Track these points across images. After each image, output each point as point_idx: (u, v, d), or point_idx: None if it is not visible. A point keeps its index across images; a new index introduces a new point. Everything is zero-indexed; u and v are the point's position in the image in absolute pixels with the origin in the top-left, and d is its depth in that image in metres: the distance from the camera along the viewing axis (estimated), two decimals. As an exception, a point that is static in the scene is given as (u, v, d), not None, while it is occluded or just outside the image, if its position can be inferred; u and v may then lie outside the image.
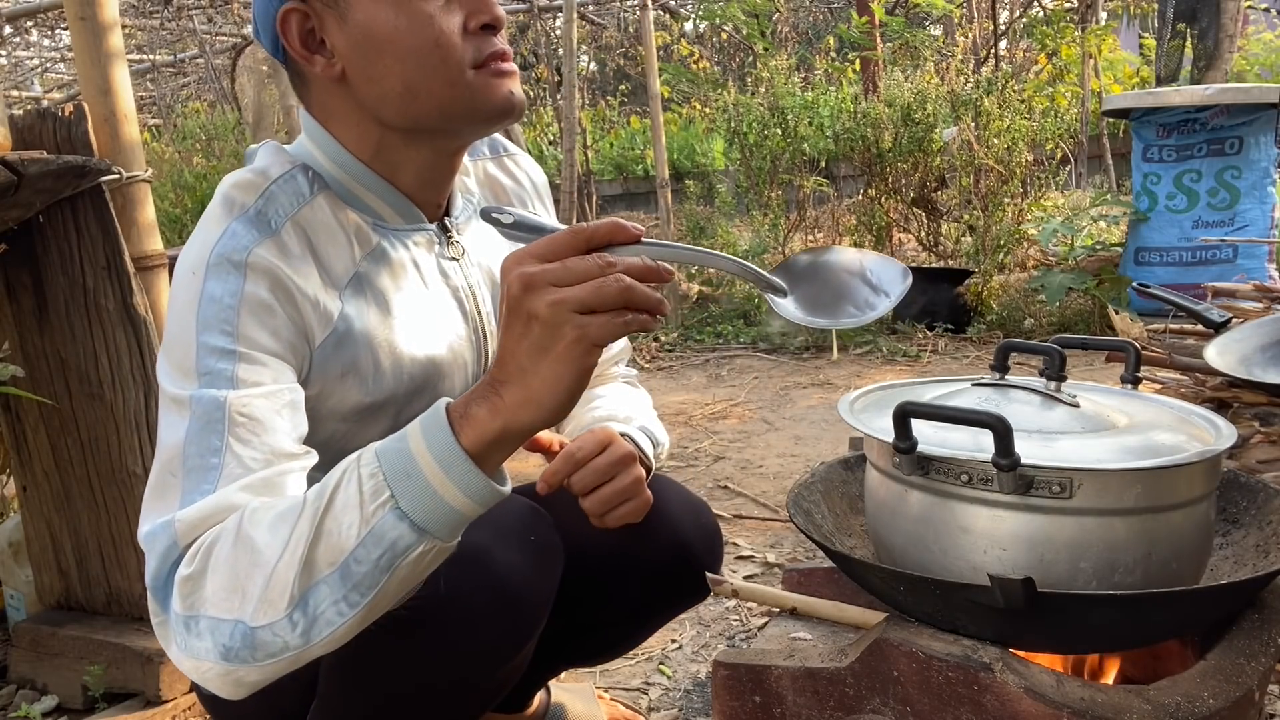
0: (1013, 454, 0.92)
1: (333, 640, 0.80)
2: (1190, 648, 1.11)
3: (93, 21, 1.67)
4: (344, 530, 0.77)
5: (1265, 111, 4.47)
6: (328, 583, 0.78)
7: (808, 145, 5.29)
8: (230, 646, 0.79)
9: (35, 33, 10.72)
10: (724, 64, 11.45)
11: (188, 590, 0.81)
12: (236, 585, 0.79)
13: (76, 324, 1.66)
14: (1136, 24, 9.70)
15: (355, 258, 1.02)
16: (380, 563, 0.77)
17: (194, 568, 0.81)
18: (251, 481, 0.86)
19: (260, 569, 0.78)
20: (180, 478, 0.87)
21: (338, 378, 1.00)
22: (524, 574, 1.00)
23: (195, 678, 0.83)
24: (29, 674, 1.72)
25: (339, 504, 0.78)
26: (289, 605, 0.78)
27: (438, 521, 0.78)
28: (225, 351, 0.90)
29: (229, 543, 0.81)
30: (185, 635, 0.81)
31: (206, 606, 0.80)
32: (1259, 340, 1.70)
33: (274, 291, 0.93)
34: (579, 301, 0.72)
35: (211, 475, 0.86)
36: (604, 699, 1.57)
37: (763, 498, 2.62)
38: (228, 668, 0.80)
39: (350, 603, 0.78)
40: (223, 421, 0.87)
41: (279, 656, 0.79)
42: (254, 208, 0.96)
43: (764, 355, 4.62)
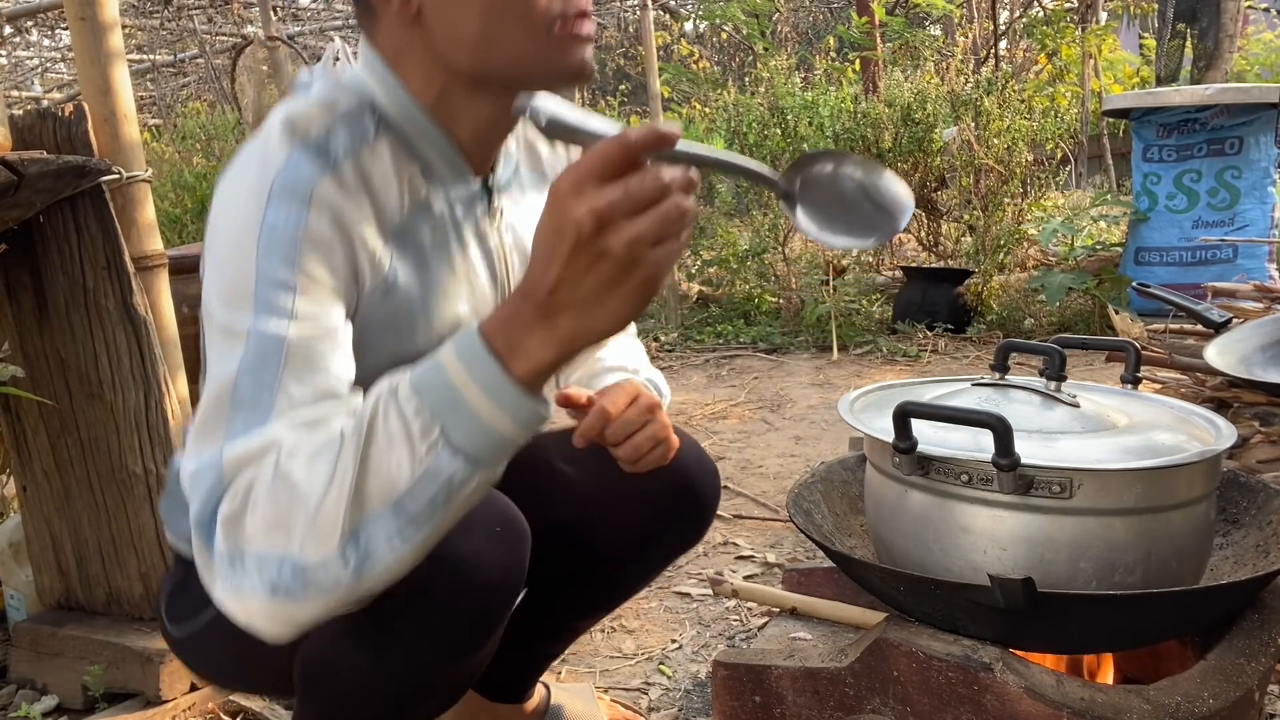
0: (1013, 454, 0.92)
1: (386, 574, 0.79)
2: (1190, 648, 1.11)
3: (93, 21, 1.66)
4: (394, 467, 0.77)
5: (1265, 111, 4.47)
6: (380, 519, 0.77)
7: (808, 145, 5.29)
8: (278, 583, 0.78)
9: (35, 33, 10.72)
10: (724, 64, 11.45)
11: (230, 528, 0.80)
12: (279, 521, 0.78)
13: (76, 324, 1.66)
14: (1136, 24, 9.71)
15: (405, 209, 0.99)
16: (436, 499, 0.77)
17: (234, 505, 0.80)
18: (301, 419, 0.84)
19: (302, 505, 0.78)
20: (228, 410, 0.84)
21: (379, 328, 0.98)
22: (488, 561, 0.98)
23: (243, 619, 0.81)
24: (29, 674, 1.72)
25: (381, 439, 0.78)
26: (341, 540, 0.77)
27: (490, 451, 0.78)
28: (285, 283, 0.87)
29: (267, 479, 0.80)
30: (230, 573, 0.80)
31: (250, 543, 0.79)
32: (1259, 340, 1.71)
33: (335, 229, 0.91)
34: (653, 236, 0.72)
35: (262, 410, 0.84)
36: (604, 699, 1.57)
37: (763, 498, 2.62)
38: (276, 605, 0.79)
39: (405, 537, 0.78)
40: (279, 355, 0.85)
41: (331, 593, 0.79)
42: (315, 139, 0.93)
43: (764, 355, 4.62)
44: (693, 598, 2.02)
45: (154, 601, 1.16)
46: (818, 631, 1.22)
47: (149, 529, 1.68)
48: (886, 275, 5.63)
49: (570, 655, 1.80)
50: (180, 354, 1.77)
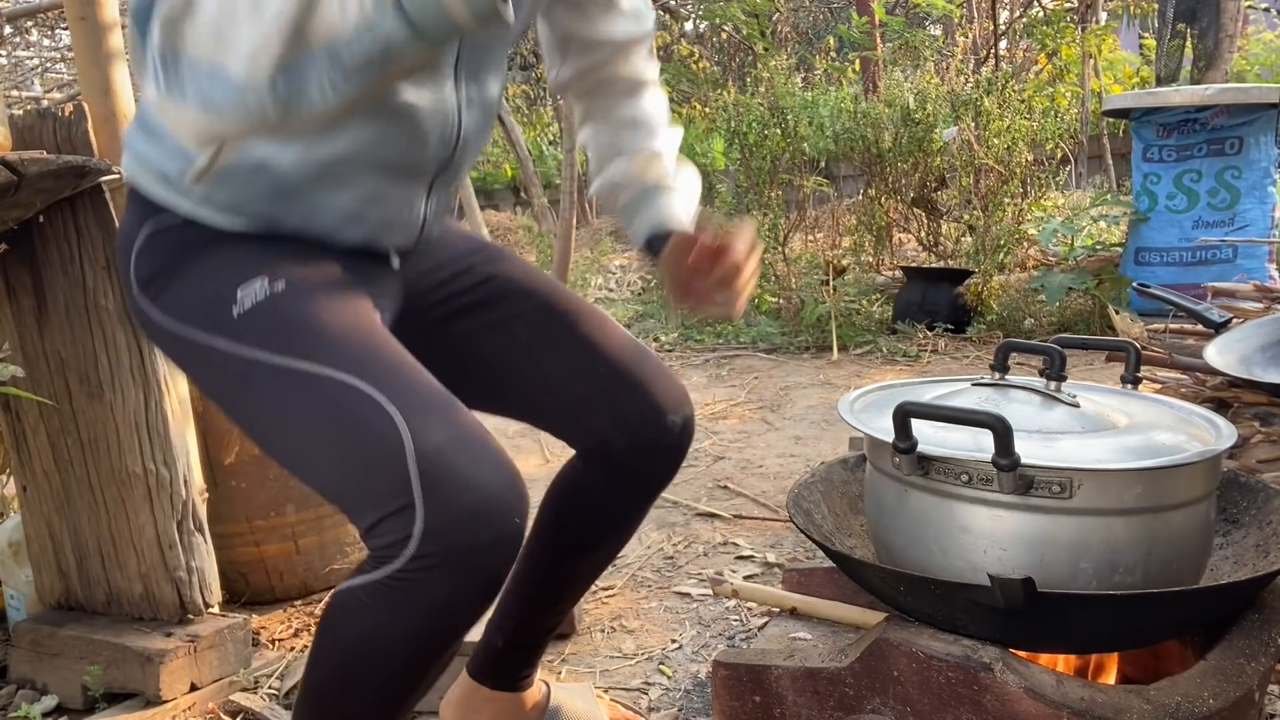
0: (1013, 454, 0.92)
1: (311, 118, 0.82)
2: (1190, 648, 1.11)
3: (93, 21, 1.66)
4: (339, 14, 0.79)
5: (1265, 111, 4.47)
6: (316, 60, 0.79)
7: (807, 145, 5.29)
8: (209, 97, 0.80)
9: (35, 33, 10.72)
10: (724, 64, 11.44)
11: (170, 29, 0.81)
12: (219, 33, 0.79)
13: (76, 324, 1.66)
14: (1136, 24, 9.70)
15: None
16: (372, 56, 0.79)
17: (177, 6, 0.80)
18: None
19: (245, 23, 0.79)
20: None
21: None
22: (498, 542, 0.93)
23: (169, 121, 0.84)
24: (29, 674, 1.72)
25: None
26: (274, 69, 0.79)
27: (434, 24, 0.79)
28: None
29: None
30: (164, 75, 0.81)
31: (187, 49, 0.80)
32: (1259, 340, 1.71)
33: None
34: None
35: None
36: (604, 699, 1.57)
37: (763, 498, 2.62)
38: (204, 119, 0.81)
39: (335, 87, 0.80)
40: None
41: (257, 119, 0.81)
42: None
43: (764, 355, 4.62)
44: (693, 598, 2.02)
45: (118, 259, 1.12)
46: (818, 631, 1.22)
47: (149, 529, 1.68)
48: (886, 275, 5.63)
49: (570, 655, 1.80)
50: (180, 354, 1.77)
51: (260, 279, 1.00)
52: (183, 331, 1.04)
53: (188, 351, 1.05)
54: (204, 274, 1.03)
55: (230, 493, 1.96)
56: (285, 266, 1.02)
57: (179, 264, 1.05)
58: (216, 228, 1.04)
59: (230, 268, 1.02)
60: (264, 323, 0.99)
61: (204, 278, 1.03)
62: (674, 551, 2.27)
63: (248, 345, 0.99)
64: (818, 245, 5.74)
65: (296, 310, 1.00)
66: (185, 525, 1.70)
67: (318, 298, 1.02)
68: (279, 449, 1.02)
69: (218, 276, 1.02)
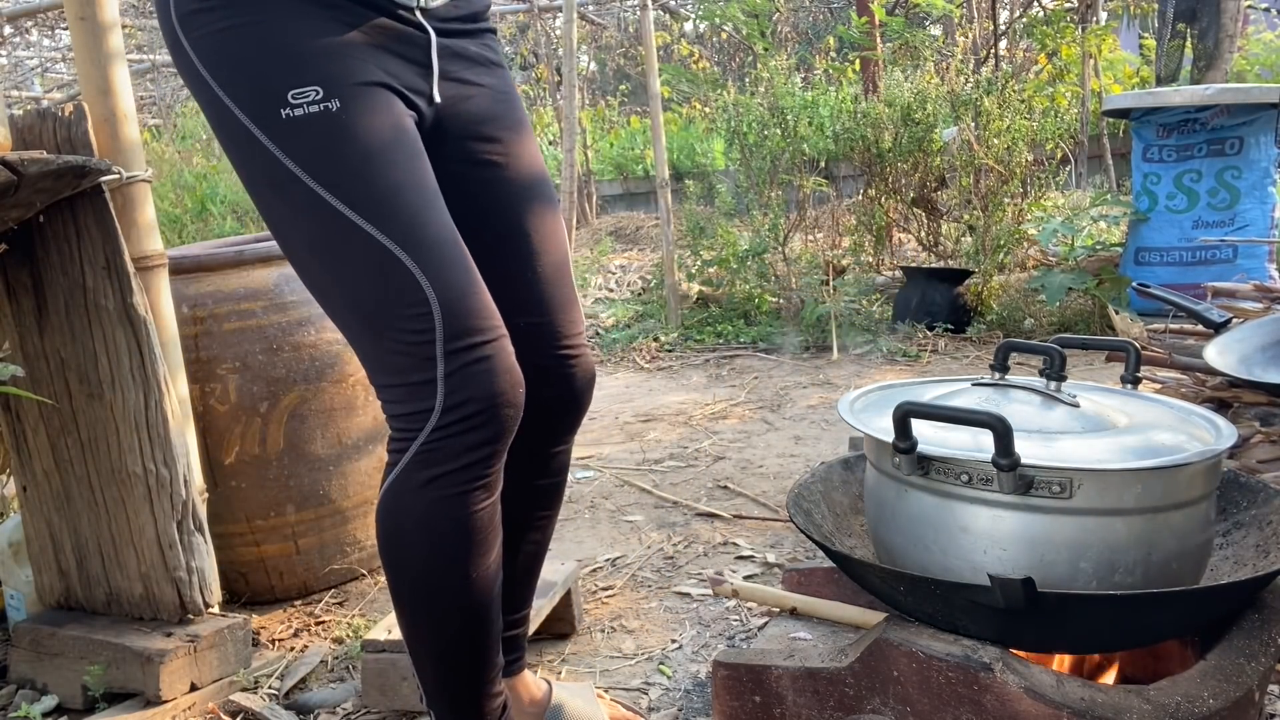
0: (1013, 454, 0.92)
1: None
2: (1190, 648, 1.11)
3: (93, 21, 1.66)
4: None
5: (1265, 111, 4.47)
6: None
7: (807, 145, 5.29)
8: None
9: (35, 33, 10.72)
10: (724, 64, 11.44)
11: None
12: None
13: (76, 324, 1.66)
14: (1136, 24, 9.70)
15: None
16: None
17: None
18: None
19: None
20: None
21: None
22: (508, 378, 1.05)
23: None
24: (29, 674, 1.72)
25: None
26: None
27: None
28: None
29: None
30: None
31: None
32: (1259, 340, 1.71)
33: None
34: None
35: None
36: (604, 698, 1.57)
37: (763, 498, 2.62)
38: None
39: None
40: None
41: None
42: None
43: (764, 355, 4.62)
44: (693, 598, 2.02)
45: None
46: (818, 631, 1.22)
47: (149, 529, 1.68)
48: (886, 275, 5.63)
49: (570, 655, 1.80)
50: (180, 354, 1.77)
51: (314, 88, 1.00)
52: (222, 97, 1.02)
53: (223, 115, 1.04)
54: (255, 46, 1.01)
55: (230, 493, 1.96)
56: (339, 74, 1.01)
57: (238, 14, 1.01)
58: None
59: (284, 56, 1.00)
60: (313, 141, 1.00)
61: (255, 53, 1.01)
62: (674, 551, 2.27)
63: (292, 157, 1.00)
64: (818, 245, 5.74)
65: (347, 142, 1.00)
66: (185, 525, 1.70)
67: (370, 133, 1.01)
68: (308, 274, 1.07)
69: (270, 62, 1.00)
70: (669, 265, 5.24)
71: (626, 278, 6.26)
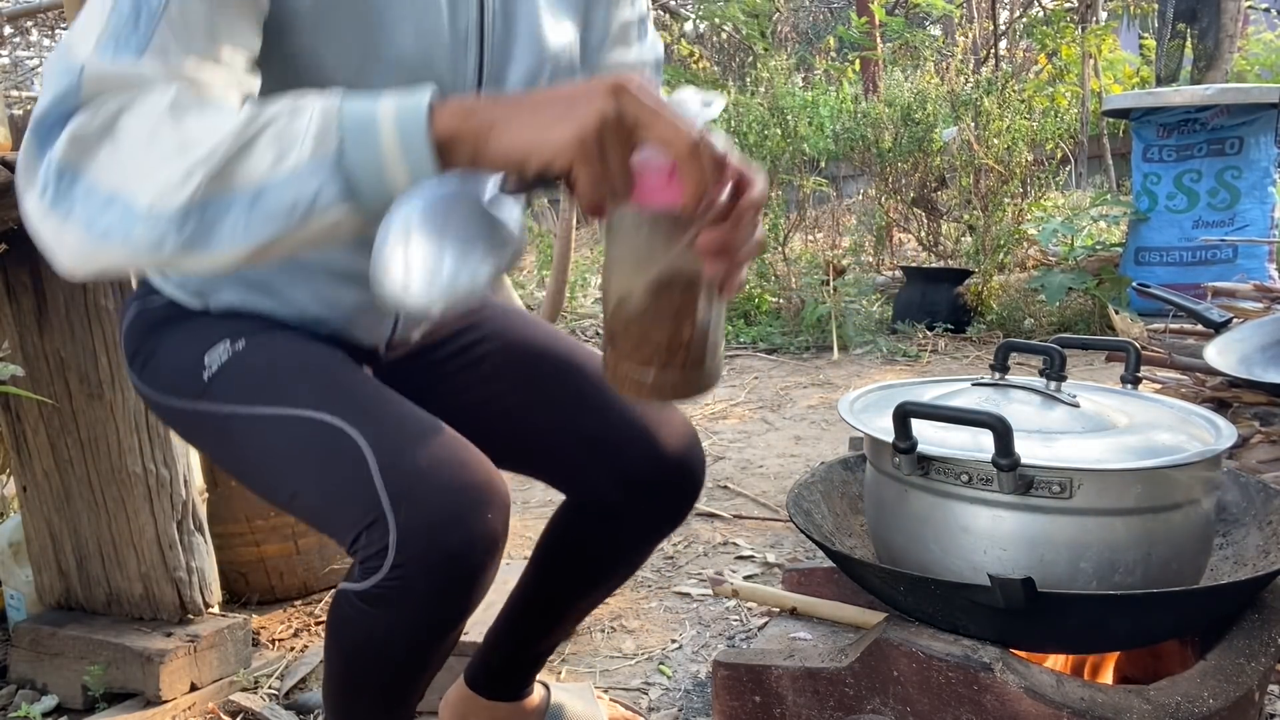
0: (1013, 454, 0.92)
1: (211, 260, 0.75)
2: (1190, 648, 1.11)
3: (93, 21, 1.66)
4: (274, 158, 0.73)
5: (1265, 111, 4.47)
6: (237, 202, 0.73)
7: (808, 145, 5.29)
8: (103, 224, 0.73)
9: (35, 33, 10.72)
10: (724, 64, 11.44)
11: (78, 146, 0.75)
12: (138, 163, 0.74)
13: (76, 324, 1.66)
14: (1136, 24, 9.70)
15: None
16: (296, 207, 0.74)
17: (93, 126, 0.75)
18: (181, 69, 0.79)
19: (175, 156, 0.73)
20: (100, 25, 0.79)
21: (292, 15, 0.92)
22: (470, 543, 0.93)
23: (46, 239, 0.77)
24: (29, 674, 1.72)
25: (279, 129, 0.74)
26: (187, 203, 0.73)
27: (371, 188, 0.74)
28: None
29: (149, 118, 0.75)
30: (55, 187, 0.75)
31: (91, 171, 0.74)
32: (1259, 340, 1.71)
33: None
34: (611, 145, 0.73)
35: (140, 34, 0.78)
36: (604, 699, 1.57)
37: (763, 498, 2.62)
38: (89, 242, 0.74)
39: (249, 231, 0.74)
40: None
41: (148, 251, 0.74)
42: None
43: (764, 355, 4.62)
44: (693, 598, 2.02)
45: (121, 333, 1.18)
46: (818, 631, 1.22)
47: (149, 529, 1.68)
48: (886, 275, 5.64)
49: (570, 655, 1.80)
50: (180, 354, 1.77)
51: (223, 342, 1.07)
52: (167, 400, 1.11)
53: (177, 418, 1.13)
54: (175, 346, 1.11)
55: (230, 493, 1.96)
56: (246, 329, 1.08)
57: (156, 339, 1.12)
58: (191, 308, 1.12)
59: (197, 338, 1.09)
60: (231, 379, 1.05)
61: (175, 350, 1.11)
62: (674, 551, 2.27)
63: (221, 403, 1.05)
64: (818, 245, 5.74)
65: (258, 362, 1.06)
66: (185, 525, 1.70)
67: (277, 347, 1.07)
68: (264, 490, 1.08)
69: (186, 348, 1.09)
70: (669, 265, 5.23)
71: (626, 278, 6.24)
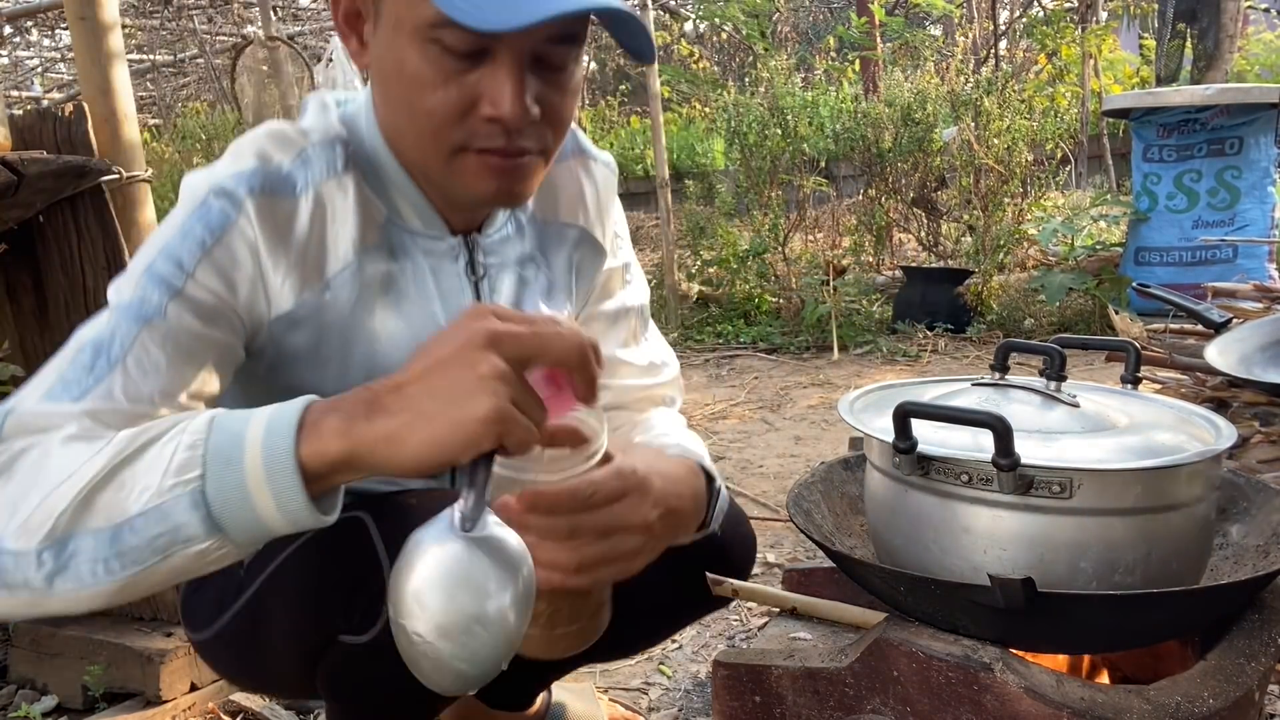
0: (1013, 454, 0.92)
1: (78, 600, 0.73)
2: (1190, 648, 1.11)
3: (93, 21, 1.66)
4: (137, 490, 0.72)
5: (1265, 111, 4.47)
6: (96, 536, 0.71)
7: (808, 145, 5.29)
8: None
9: (35, 33, 10.72)
10: (724, 64, 11.45)
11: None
12: (17, 500, 0.73)
13: (76, 324, 1.64)
14: (1136, 24, 9.70)
15: (358, 247, 0.96)
16: (156, 543, 0.71)
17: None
18: (109, 410, 0.81)
19: (37, 489, 0.72)
20: (56, 373, 0.83)
21: (290, 357, 0.96)
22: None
23: None
24: (29, 674, 1.72)
25: (148, 458, 0.73)
26: (44, 539, 0.71)
27: (238, 525, 0.72)
28: (169, 282, 0.86)
29: (35, 455, 0.75)
30: None
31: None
32: (1259, 340, 1.70)
33: (253, 249, 0.90)
34: (519, 395, 0.70)
35: (80, 388, 0.81)
36: (604, 699, 1.57)
37: (763, 498, 2.62)
38: None
39: (109, 569, 0.72)
40: (127, 343, 0.84)
41: (15, 591, 0.72)
42: (286, 167, 0.92)
43: (764, 355, 4.62)
44: (693, 598, 2.01)
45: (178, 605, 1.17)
46: (818, 631, 1.22)
47: (149, 529, 1.68)
48: (886, 275, 5.64)
49: (570, 655, 1.80)
50: (180, 354, 1.77)
51: None
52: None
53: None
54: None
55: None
56: None
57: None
58: None
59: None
60: None
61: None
62: (674, 551, 2.26)
63: None
64: (818, 245, 5.74)
65: None
66: (185, 525, 1.70)
67: None
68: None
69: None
70: (669, 265, 5.24)
71: (626, 278, 6.25)
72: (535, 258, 1.10)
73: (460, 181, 0.93)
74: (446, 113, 0.88)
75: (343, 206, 0.95)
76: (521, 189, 0.94)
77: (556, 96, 0.91)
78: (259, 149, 0.93)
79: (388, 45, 0.89)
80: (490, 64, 0.86)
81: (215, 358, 0.89)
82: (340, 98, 1.04)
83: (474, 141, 0.89)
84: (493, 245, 1.06)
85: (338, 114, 0.99)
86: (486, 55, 0.86)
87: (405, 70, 0.88)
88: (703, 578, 1.19)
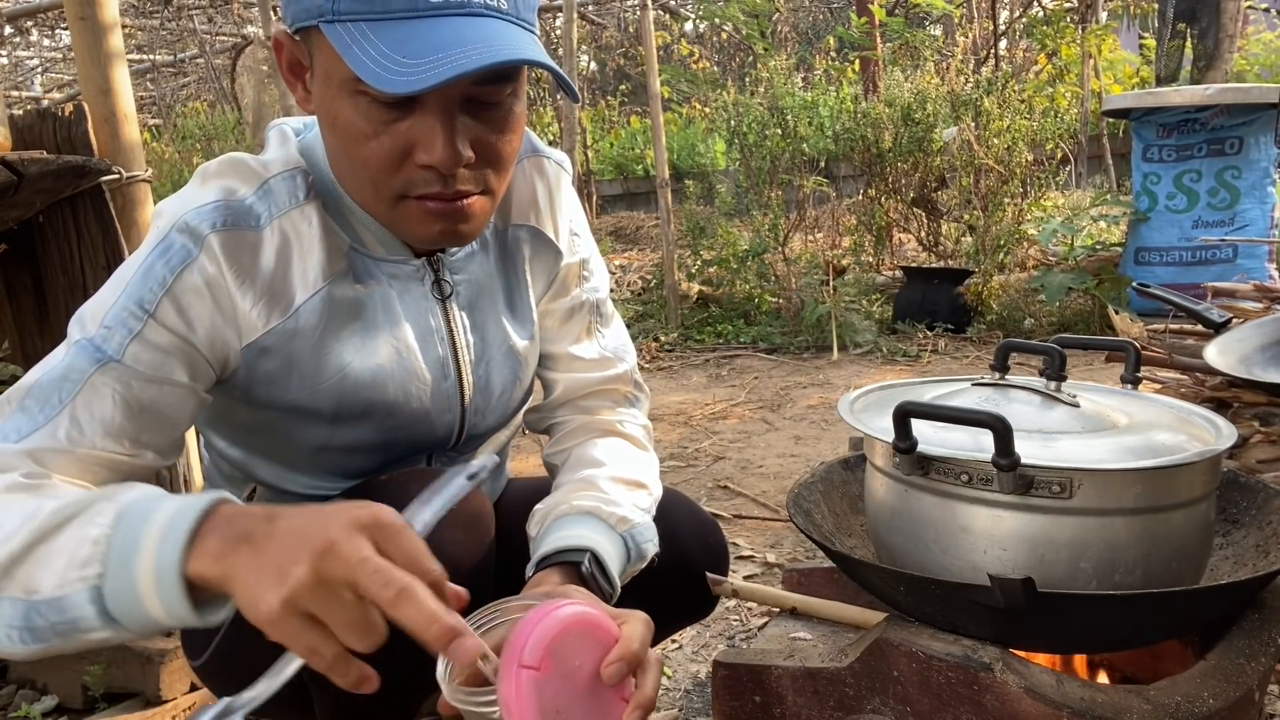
0: (1013, 454, 0.92)
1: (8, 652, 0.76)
2: (1190, 648, 1.11)
3: (93, 21, 1.66)
4: (48, 572, 0.74)
5: (1265, 111, 4.47)
6: (14, 605, 0.75)
7: (807, 145, 5.29)
8: None
9: (35, 33, 10.73)
10: (724, 64, 11.45)
11: None
12: None
13: (76, 324, 1.66)
14: (1136, 24, 9.71)
15: (325, 275, 0.98)
16: (58, 628, 0.74)
17: None
18: (51, 450, 0.84)
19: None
20: (8, 410, 0.86)
21: (264, 380, 0.97)
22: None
23: None
24: (29, 674, 1.72)
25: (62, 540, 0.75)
26: None
27: (131, 620, 0.74)
28: (128, 323, 0.88)
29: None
30: None
31: None
32: (1259, 340, 1.70)
33: (213, 285, 0.91)
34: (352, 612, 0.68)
35: (31, 424, 0.84)
36: (604, 699, 1.57)
37: (763, 498, 2.62)
38: None
39: (24, 639, 0.75)
40: (81, 383, 0.86)
41: None
42: (249, 200, 0.94)
43: (764, 355, 4.62)
44: (693, 598, 2.02)
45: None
46: (818, 631, 1.22)
47: (149, 529, 1.68)
48: (886, 275, 5.64)
49: (570, 655, 1.80)
50: (180, 354, 1.77)
51: None
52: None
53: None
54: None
55: (230, 493, 1.96)
56: None
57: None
58: None
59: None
60: None
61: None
62: (674, 551, 2.26)
63: None
64: (818, 245, 5.74)
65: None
66: (185, 525, 1.70)
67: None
68: None
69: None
70: (669, 265, 5.24)
71: (626, 278, 6.26)
72: (499, 269, 1.12)
73: (405, 227, 0.95)
74: (381, 162, 0.89)
75: (308, 235, 0.97)
76: (466, 229, 0.96)
77: (493, 136, 0.92)
78: (222, 183, 0.95)
79: (322, 97, 0.91)
80: (419, 112, 0.88)
81: (170, 403, 0.91)
82: (297, 125, 1.05)
83: (412, 189, 0.91)
84: (458, 263, 1.08)
85: (296, 144, 1.01)
86: (415, 103, 0.87)
87: (339, 122, 0.89)
88: (701, 581, 1.20)
